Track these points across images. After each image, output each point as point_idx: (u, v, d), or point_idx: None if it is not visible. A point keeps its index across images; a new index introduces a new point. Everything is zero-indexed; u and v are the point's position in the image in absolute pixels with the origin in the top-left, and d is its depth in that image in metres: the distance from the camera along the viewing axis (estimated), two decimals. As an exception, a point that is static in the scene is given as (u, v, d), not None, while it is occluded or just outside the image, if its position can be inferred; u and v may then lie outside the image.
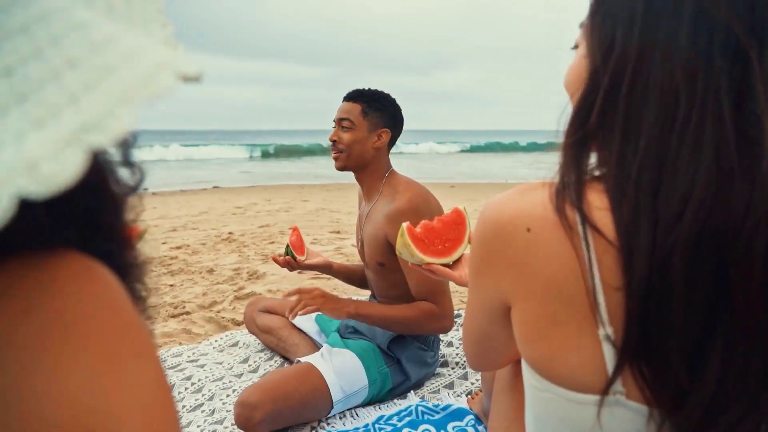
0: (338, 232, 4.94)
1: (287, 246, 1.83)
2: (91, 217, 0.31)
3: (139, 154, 0.32)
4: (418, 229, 1.06)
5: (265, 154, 21.76)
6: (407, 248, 1.04)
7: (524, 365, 0.64)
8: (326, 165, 16.97)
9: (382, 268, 1.70)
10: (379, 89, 1.79)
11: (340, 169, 1.76)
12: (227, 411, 1.65)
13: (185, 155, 19.74)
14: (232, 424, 1.54)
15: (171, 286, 3.13)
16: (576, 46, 0.65)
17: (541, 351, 0.58)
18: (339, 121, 1.73)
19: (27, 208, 0.23)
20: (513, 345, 0.73)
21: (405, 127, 1.83)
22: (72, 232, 0.30)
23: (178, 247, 4.26)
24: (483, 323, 0.70)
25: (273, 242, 4.43)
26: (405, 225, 1.04)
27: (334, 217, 6.04)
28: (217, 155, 20.64)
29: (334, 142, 1.73)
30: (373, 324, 1.62)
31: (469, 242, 1.10)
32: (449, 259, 1.07)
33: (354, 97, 1.74)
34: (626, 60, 0.53)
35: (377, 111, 1.73)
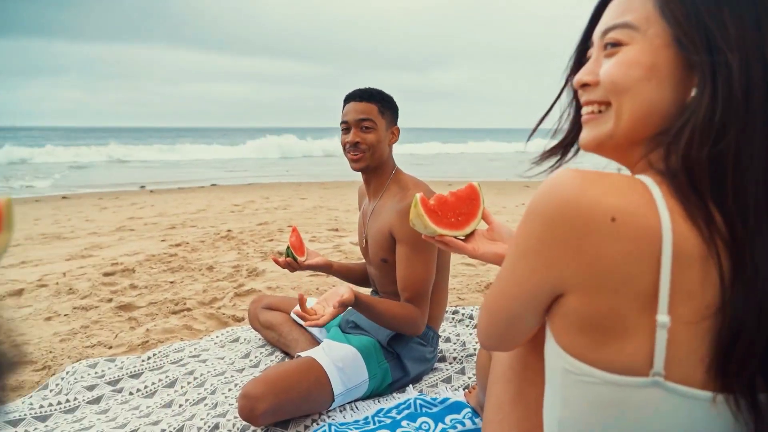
0: (336, 230, 4.97)
1: (288, 247, 1.85)
2: None
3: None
4: (432, 201, 1.05)
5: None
6: (420, 219, 1.03)
7: (556, 352, 0.65)
8: (321, 163, 16.97)
9: (385, 265, 1.74)
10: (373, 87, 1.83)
11: (362, 169, 1.76)
12: (230, 404, 1.68)
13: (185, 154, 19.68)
14: (235, 417, 1.58)
15: (171, 283, 3.16)
16: (616, 44, 0.66)
17: (593, 339, 0.60)
18: (358, 122, 1.72)
19: None
20: (534, 328, 0.74)
21: (403, 125, 1.87)
22: None
23: (177, 245, 4.28)
24: (519, 307, 0.68)
25: (272, 240, 4.46)
26: (418, 196, 1.03)
27: (332, 214, 6.06)
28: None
29: (357, 143, 1.73)
30: (359, 311, 1.61)
31: (483, 218, 1.08)
32: (462, 232, 1.05)
33: (367, 97, 1.75)
34: (730, 70, 0.57)
35: (389, 109, 1.77)
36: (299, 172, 13.50)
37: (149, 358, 2.05)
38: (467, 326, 2.33)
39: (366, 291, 2.30)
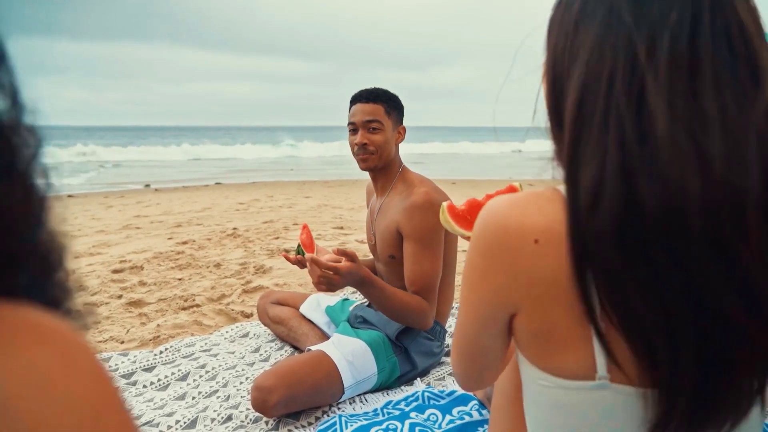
0: (341, 228, 5.01)
1: (298, 245, 1.89)
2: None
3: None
4: (463, 206, 1.08)
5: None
6: (448, 224, 1.07)
7: (521, 358, 0.69)
8: (325, 162, 17.00)
9: (393, 261, 1.78)
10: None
11: (370, 169, 1.80)
12: (242, 397, 1.72)
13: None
14: (248, 409, 1.62)
15: (179, 279, 3.20)
16: None
17: (543, 350, 0.63)
18: (366, 123, 1.76)
19: None
20: (504, 358, 0.75)
21: (405, 123, 1.91)
22: None
23: (184, 243, 4.33)
24: (481, 338, 0.70)
25: (278, 237, 4.50)
26: (445, 204, 1.07)
27: (336, 213, 6.10)
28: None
29: (364, 144, 1.76)
30: (371, 294, 1.65)
31: None
32: None
33: (374, 97, 1.79)
34: (556, 71, 0.60)
35: (395, 109, 1.81)
36: (303, 171, 13.55)
37: (161, 352, 2.09)
38: (473, 322, 2.37)
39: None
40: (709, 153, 0.50)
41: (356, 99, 1.81)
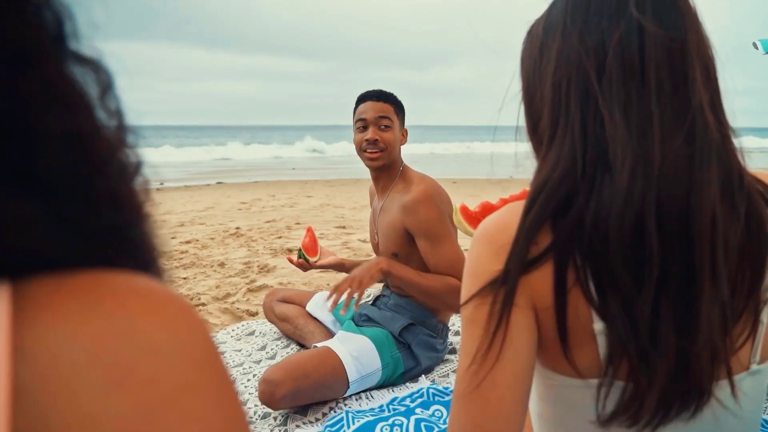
0: (344, 227, 5.04)
1: (300, 249, 1.93)
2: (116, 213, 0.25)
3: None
4: (476, 208, 1.12)
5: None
6: (460, 225, 1.12)
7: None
8: (327, 161, 17.01)
9: (396, 259, 1.81)
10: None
11: (378, 167, 1.84)
12: (249, 393, 1.75)
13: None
14: (255, 405, 1.65)
15: (184, 279, 3.23)
16: None
17: (554, 352, 0.64)
18: (377, 120, 1.80)
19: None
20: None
21: (408, 123, 1.95)
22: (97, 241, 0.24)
23: (188, 242, 4.36)
24: (520, 369, 0.61)
25: (280, 237, 4.53)
26: (458, 205, 1.11)
27: (338, 212, 6.13)
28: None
29: (375, 141, 1.80)
30: (400, 284, 1.73)
31: None
32: None
33: (384, 97, 1.84)
34: (531, 96, 0.65)
35: (401, 112, 1.88)
36: (305, 170, 13.58)
37: (168, 350, 2.12)
38: (476, 320, 2.39)
39: (377, 286, 2.36)
40: (651, 155, 0.53)
41: (366, 97, 1.85)
